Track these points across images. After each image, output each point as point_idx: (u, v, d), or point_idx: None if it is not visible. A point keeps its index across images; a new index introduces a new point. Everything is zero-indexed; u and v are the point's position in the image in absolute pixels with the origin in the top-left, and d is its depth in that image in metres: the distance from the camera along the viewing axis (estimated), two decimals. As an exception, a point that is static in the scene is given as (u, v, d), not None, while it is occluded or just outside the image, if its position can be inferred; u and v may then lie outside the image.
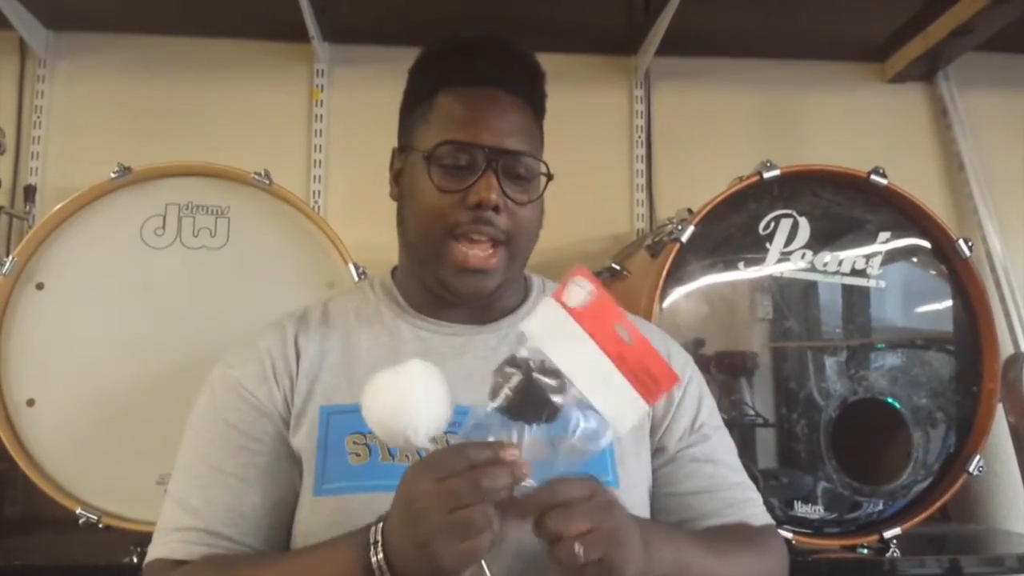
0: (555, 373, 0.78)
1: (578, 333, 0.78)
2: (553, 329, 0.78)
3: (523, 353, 0.78)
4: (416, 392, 0.79)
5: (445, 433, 0.88)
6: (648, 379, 0.79)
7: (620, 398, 0.79)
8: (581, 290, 0.79)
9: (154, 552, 0.97)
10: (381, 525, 0.80)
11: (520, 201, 1.00)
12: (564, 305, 0.79)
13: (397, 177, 1.08)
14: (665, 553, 0.83)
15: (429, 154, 0.99)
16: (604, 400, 0.78)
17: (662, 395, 0.81)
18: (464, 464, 0.74)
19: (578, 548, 0.74)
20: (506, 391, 0.77)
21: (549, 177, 1.04)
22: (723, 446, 1.09)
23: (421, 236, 1.02)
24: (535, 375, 0.77)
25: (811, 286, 1.58)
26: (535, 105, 1.07)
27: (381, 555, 0.78)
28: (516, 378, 0.77)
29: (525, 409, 0.77)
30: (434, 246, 1.00)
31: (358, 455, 0.96)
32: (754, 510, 1.05)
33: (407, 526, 0.76)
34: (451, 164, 0.99)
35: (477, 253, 0.99)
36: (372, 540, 0.79)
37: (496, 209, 0.97)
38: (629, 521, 0.80)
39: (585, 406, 0.78)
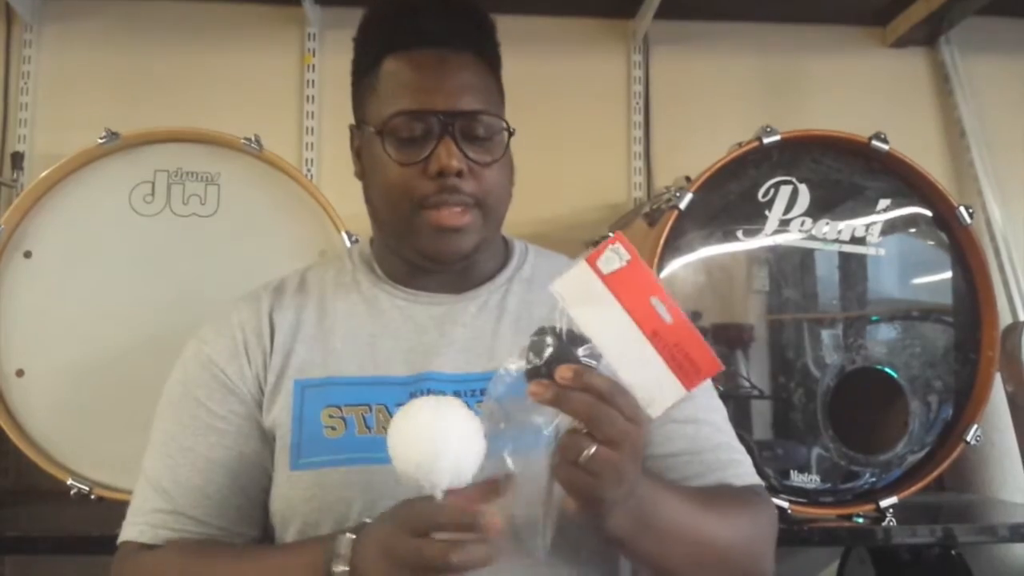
0: (584, 340, 0.74)
1: (609, 300, 0.75)
2: (583, 293, 0.75)
3: (555, 318, 0.75)
4: (448, 451, 0.74)
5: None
6: (686, 362, 0.74)
7: (655, 379, 0.75)
8: (616, 256, 0.75)
9: (124, 534, 0.97)
10: (352, 539, 0.79)
11: (483, 162, 0.97)
12: (597, 270, 0.75)
13: (358, 155, 1.05)
14: (644, 493, 0.81)
15: (382, 128, 0.96)
16: (636, 378, 0.75)
17: (701, 381, 0.76)
18: (445, 524, 0.73)
19: (590, 451, 0.73)
20: (534, 357, 0.74)
21: (510, 133, 1.00)
22: (707, 405, 1.04)
23: (390, 212, 0.99)
24: (566, 342, 0.74)
25: (809, 255, 1.56)
26: (488, 58, 1.02)
27: (345, 568, 0.78)
28: (548, 343, 0.74)
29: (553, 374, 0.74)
30: (405, 220, 0.97)
31: (334, 428, 0.95)
32: (738, 470, 1.01)
33: (382, 564, 0.75)
34: (406, 136, 0.95)
35: (449, 213, 0.96)
36: (338, 552, 0.78)
37: (460, 174, 0.94)
38: (641, 474, 0.79)
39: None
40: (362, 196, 1.05)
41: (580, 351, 0.74)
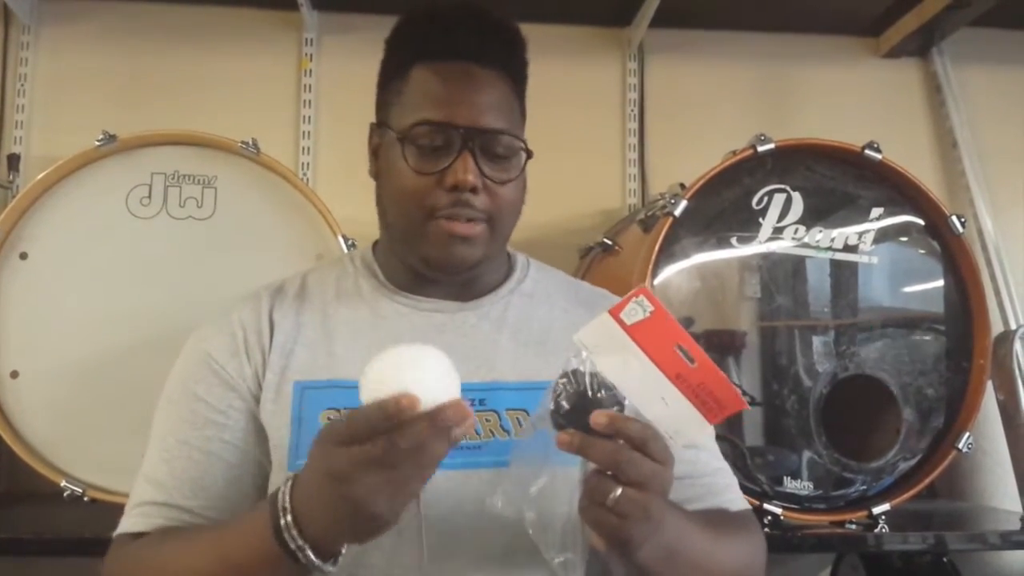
0: (608, 386, 0.78)
1: (632, 349, 0.78)
2: (606, 342, 0.78)
3: (577, 364, 0.78)
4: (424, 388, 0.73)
5: None
6: (711, 400, 0.78)
7: (679, 415, 0.78)
8: (640, 309, 0.78)
9: (120, 528, 0.97)
10: (289, 488, 0.78)
11: (499, 180, 0.98)
12: (621, 322, 0.78)
13: (375, 153, 1.06)
14: (671, 524, 0.82)
15: (404, 135, 0.97)
16: (660, 416, 0.78)
17: (726, 416, 0.80)
18: (366, 419, 0.72)
19: (615, 493, 0.74)
20: (561, 401, 0.78)
21: (528, 154, 1.01)
22: None
23: (401, 217, 1.00)
24: (589, 386, 0.77)
25: (802, 263, 1.57)
26: (514, 75, 1.03)
27: (289, 518, 0.77)
28: (571, 389, 0.78)
29: (578, 418, 0.77)
30: (415, 227, 0.98)
31: None
32: (733, 495, 1.05)
33: (327, 488, 0.73)
34: (426, 145, 0.96)
35: (459, 223, 0.97)
36: (281, 505, 0.77)
37: (474, 190, 0.95)
38: (667, 506, 0.80)
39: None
40: (358, 199, 1.07)
41: (603, 395, 0.77)
